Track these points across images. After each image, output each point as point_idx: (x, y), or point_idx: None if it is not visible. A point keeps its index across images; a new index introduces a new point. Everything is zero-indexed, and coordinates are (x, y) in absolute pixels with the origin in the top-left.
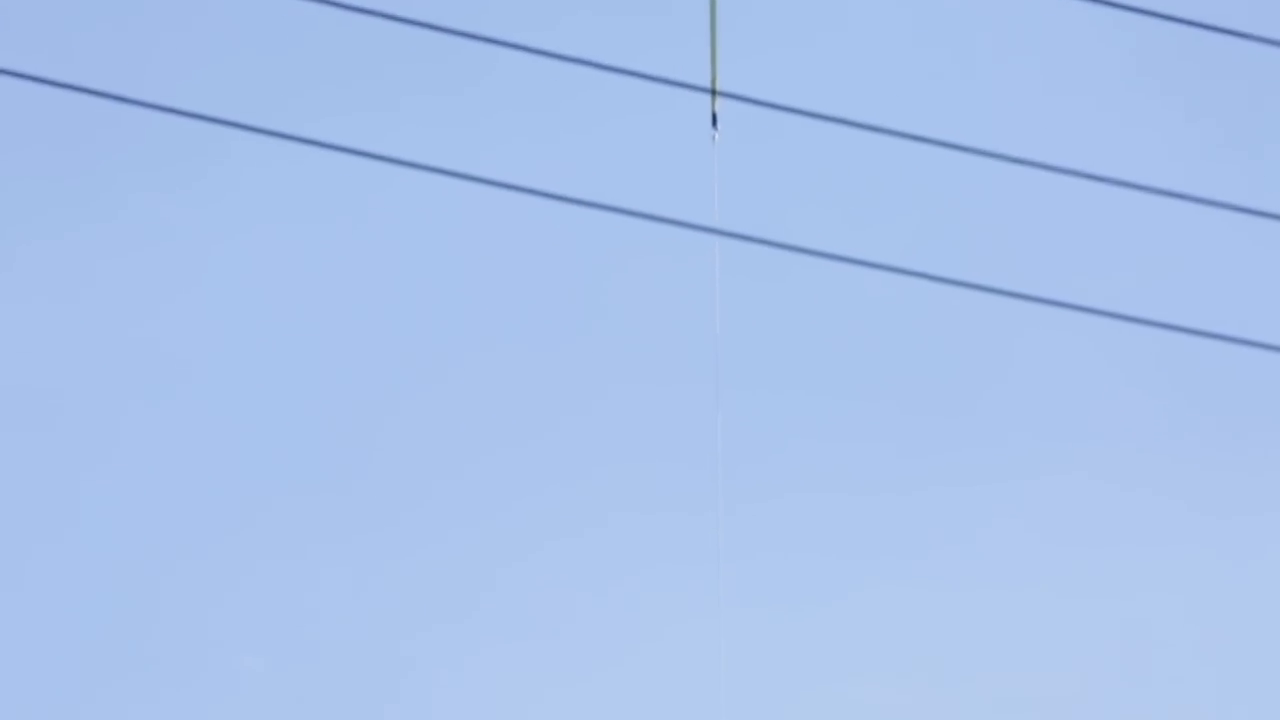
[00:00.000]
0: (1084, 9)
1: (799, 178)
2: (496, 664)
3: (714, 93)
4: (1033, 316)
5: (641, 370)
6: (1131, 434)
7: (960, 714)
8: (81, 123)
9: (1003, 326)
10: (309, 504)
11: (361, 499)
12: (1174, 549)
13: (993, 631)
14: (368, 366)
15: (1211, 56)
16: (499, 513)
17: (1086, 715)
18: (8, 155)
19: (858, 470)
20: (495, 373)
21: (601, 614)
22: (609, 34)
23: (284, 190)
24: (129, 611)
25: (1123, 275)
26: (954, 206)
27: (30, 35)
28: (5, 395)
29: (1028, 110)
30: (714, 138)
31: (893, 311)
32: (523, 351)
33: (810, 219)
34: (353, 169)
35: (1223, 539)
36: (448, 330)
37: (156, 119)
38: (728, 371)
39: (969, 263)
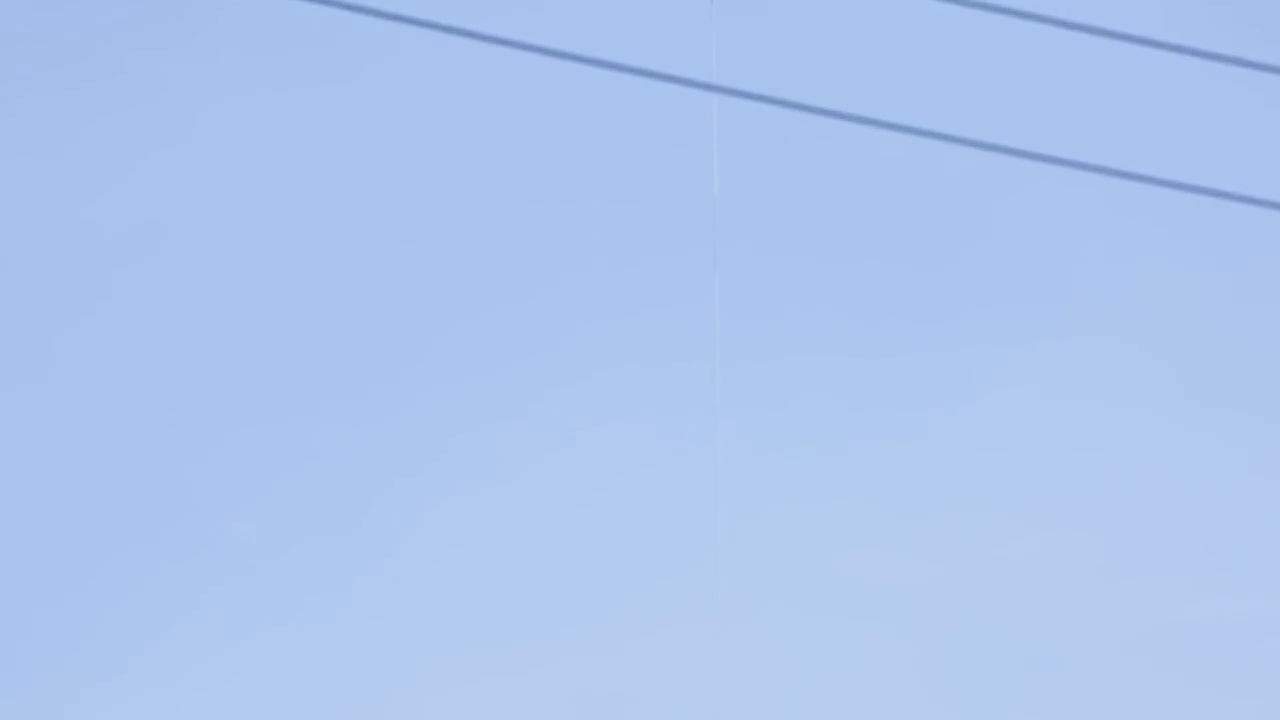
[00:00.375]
0: None
1: (798, 33)
2: (498, 517)
3: None
4: (1043, 177)
5: (637, 230)
6: (1143, 298)
7: (962, 576)
8: None
9: (1011, 187)
10: (301, 362)
11: (353, 357)
12: (1186, 415)
13: (997, 495)
14: (361, 225)
15: None
16: (497, 370)
17: (1092, 580)
18: (2, 11)
19: (859, 333)
20: (490, 231)
21: (596, 464)
22: None
23: (283, 49)
24: (115, 476)
25: (1136, 136)
26: (962, 63)
27: None
28: None
29: None
30: None
31: (897, 171)
32: (517, 210)
33: (810, 76)
34: (351, 27)
35: (1236, 403)
36: (441, 188)
37: None
38: (725, 232)
39: (977, 121)
